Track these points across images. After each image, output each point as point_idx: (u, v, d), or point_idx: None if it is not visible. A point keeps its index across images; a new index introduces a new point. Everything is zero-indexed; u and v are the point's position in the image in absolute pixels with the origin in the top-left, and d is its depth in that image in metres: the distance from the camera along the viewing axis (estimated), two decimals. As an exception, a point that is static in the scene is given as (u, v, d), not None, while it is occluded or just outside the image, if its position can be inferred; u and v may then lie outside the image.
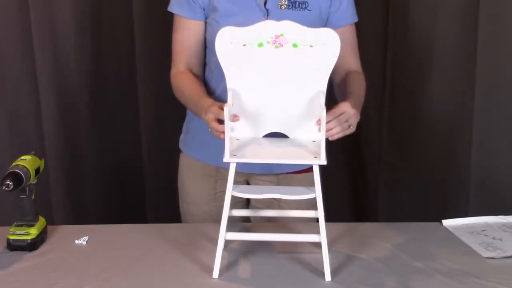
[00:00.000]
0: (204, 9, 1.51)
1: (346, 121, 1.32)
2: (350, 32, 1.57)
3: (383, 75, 2.15)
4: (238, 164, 1.27)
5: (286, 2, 1.47)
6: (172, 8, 1.54)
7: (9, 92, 2.12)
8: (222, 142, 1.25)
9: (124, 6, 2.10)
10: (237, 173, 1.28)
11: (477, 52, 1.96)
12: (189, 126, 1.67)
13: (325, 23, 1.54)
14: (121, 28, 2.13)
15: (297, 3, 1.47)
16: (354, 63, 1.59)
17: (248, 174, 1.64)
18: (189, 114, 1.67)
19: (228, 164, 1.27)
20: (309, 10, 1.48)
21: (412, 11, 2.07)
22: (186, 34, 1.54)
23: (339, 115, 1.31)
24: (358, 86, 1.53)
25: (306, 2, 1.48)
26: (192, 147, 1.66)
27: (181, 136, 1.72)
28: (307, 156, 1.29)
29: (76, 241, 1.44)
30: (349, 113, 1.32)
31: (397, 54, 2.13)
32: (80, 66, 2.14)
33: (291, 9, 1.48)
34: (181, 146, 1.71)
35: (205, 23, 1.54)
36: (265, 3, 1.48)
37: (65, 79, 2.13)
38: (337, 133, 1.31)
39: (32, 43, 2.07)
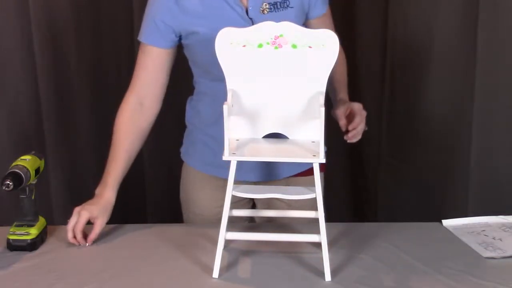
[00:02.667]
0: (180, 36, 1.48)
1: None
2: (329, 15, 1.58)
3: (382, 75, 2.15)
4: (243, 173, 1.28)
5: (267, 6, 1.44)
6: (140, 36, 1.52)
7: (9, 92, 2.12)
8: None
9: (124, 6, 2.10)
10: (243, 183, 1.30)
11: (477, 52, 1.96)
12: (191, 139, 1.65)
13: (306, 15, 1.53)
14: (121, 28, 2.13)
15: (278, 3, 1.45)
16: None
17: (255, 183, 1.61)
18: (189, 126, 1.65)
19: (237, 175, 1.26)
20: (291, 7, 1.46)
21: (412, 11, 2.07)
22: (148, 61, 1.51)
23: (357, 124, 1.44)
24: (342, 72, 1.59)
25: (287, 0, 1.46)
26: (196, 160, 1.64)
27: (183, 148, 1.68)
28: (306, 155, 1.29)
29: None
30: (363, 114, 1.46)
31: (397, 54, 2.13)
32: (80, 66, 2.14)
33: (274, 11, 1.45)
34: (184, 157, 1.68)
35: (173, 50, 1.51)
36: (247, 12, 1.44)
37: (65, 79, 2.13)
38: (362, 129, 1.46)
39: (32, 43, 2.07)
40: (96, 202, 1.48)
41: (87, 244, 1.42)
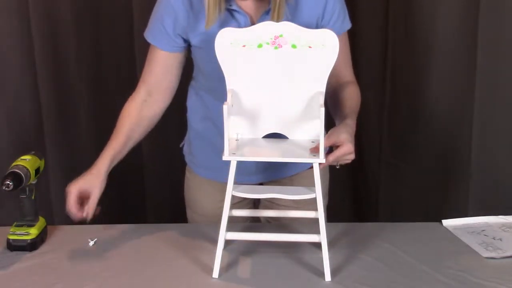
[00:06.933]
0: (188, 40, 1.45)
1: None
2: (342, 41, 1.48)
3: (383, 75, 2.15)
4: (244, 177, 1.28)
5: None
6: (146, 35, 1.51)
7: (9, 92, 2.12)
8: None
9: (124, 6, 2.10)
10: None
11: (477, 52, 1.96)
12: (193, 147, 1.64)
13: None
14: (121, 27, 2.13)
15: None
16: (346, 73, 1.53)
17: (260, 184, 1.61)
18: (190, 131, 1.64)
19: (239, 179, 1.27)
20: None
21: (412, 11, 2.07)
22: (157, 63, 1.50)
23: (340, 155, 1.33)
24: (356, 102, 1.49)
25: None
26: (199, 166, 1.64)
27: (186, 151, 1.68)
28: (306, 155, 1.29)
29: (90, 242, 1.44)
30: (348, 157, 1.35)
31: (397, 54, 2.13)
32: (80, 66, 2.14)
33: None
34: (187, 160, 1.68)
35: (182, 54, 1.49)
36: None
37: (65, 79, 2.13)
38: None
39: (32, 43, 2.07)
40: (87, 174, 1.43)
41: (88, 220, 1.40)
